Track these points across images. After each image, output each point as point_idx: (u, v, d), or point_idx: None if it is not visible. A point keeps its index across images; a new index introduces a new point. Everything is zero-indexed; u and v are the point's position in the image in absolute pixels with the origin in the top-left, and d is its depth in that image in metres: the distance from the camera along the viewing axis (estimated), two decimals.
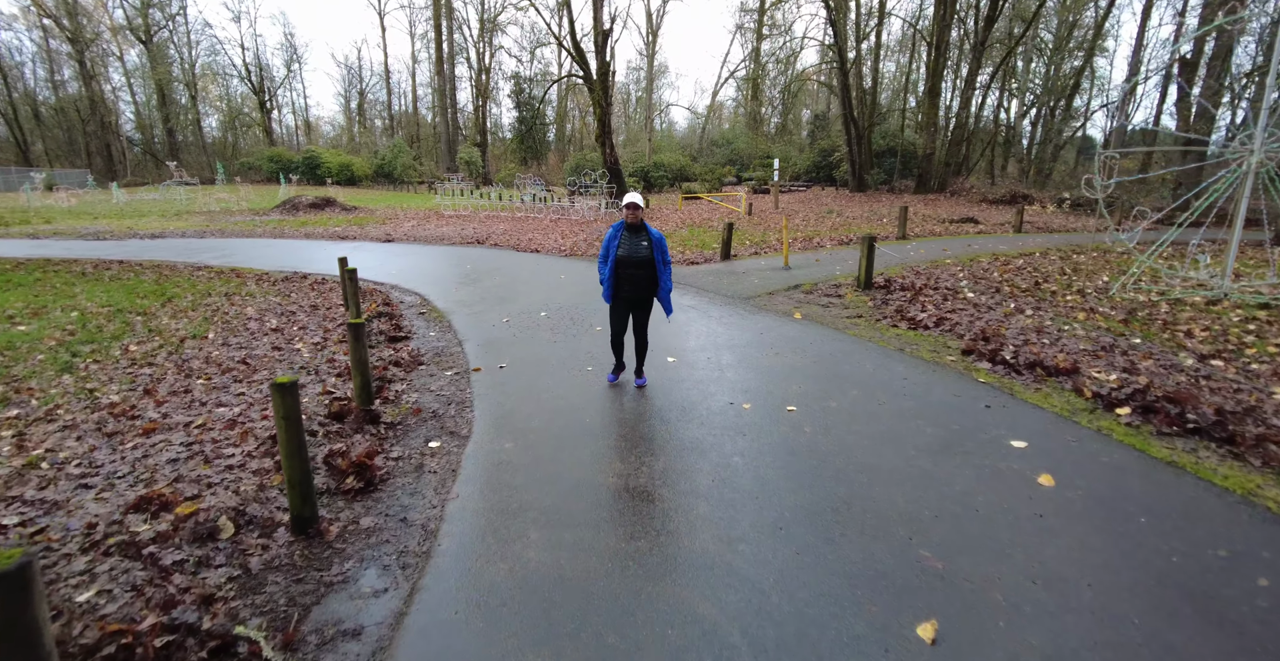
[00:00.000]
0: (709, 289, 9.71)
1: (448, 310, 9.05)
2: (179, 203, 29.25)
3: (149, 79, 52.30)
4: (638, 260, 5.18)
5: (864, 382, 5.41)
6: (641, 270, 5.22)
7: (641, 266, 5.21)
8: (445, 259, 14.15)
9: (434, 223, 22.61)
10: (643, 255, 5.19)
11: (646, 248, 5.20)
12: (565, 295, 9.65)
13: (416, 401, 5.48)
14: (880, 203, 28.31)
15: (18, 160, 50.72)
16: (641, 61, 57.18)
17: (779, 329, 7.30)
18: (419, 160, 52.01)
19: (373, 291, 10.62)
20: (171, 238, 19.00)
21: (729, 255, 12.74)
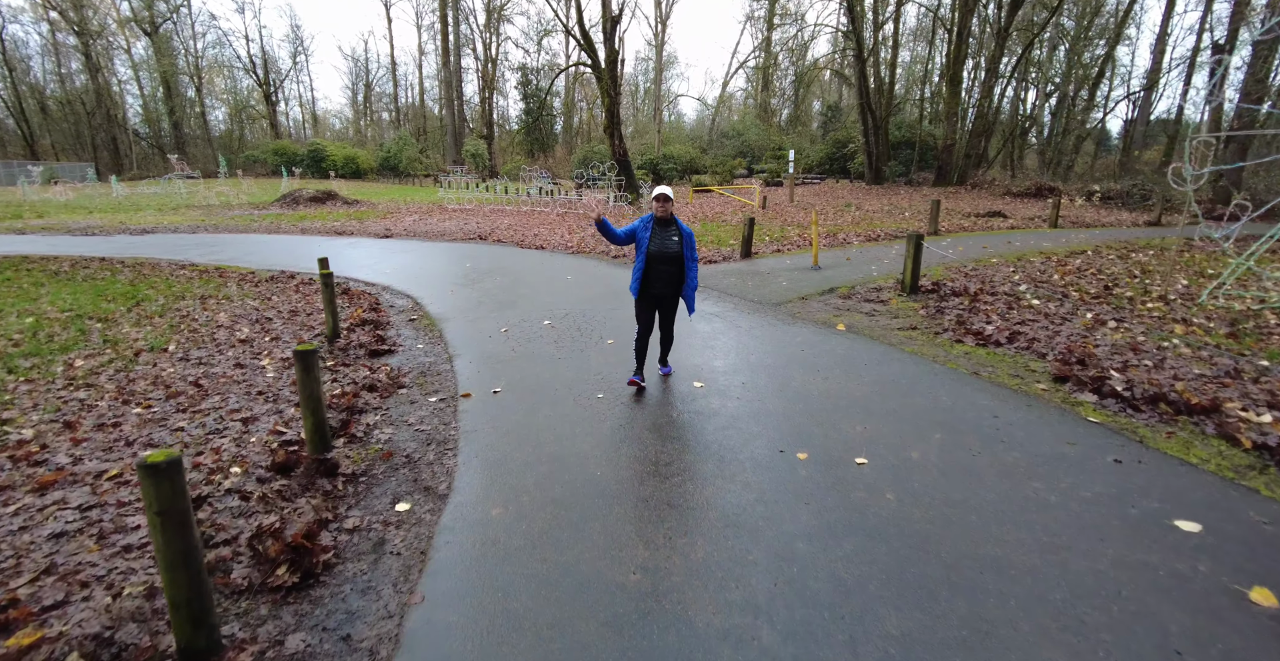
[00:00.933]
0: (733, 292, 8.59)
1: (441, 316, 7.97)
2: (178, 196, 28.29)
3: (154, 72, 51.33)
4: (669, 256, 4.89)
5: (945, 422, 4.30)
6: (672, 266, 4.93)
7: (672, 262, 4.92)
8: (444, 257, 13.07)
9: (436, 217, 21.53)
10: (674, 251, 4.89)
11: (677, 243, 4.92)
12: (571, 299, 8.55)
13: (389, 440, 4.41)
14: (899, 196, 27.01)
15: (25, 154, 49.99)
16: (650, 52, 55.80)
17: (822, 344, 6.18)
18: (424, 153, 50.89)
19: (361, 294, 9.55)
20: (162, 233, 18.01)
21: (750, 253, 11.60)
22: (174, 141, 53.47)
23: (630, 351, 5.72)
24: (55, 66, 53.38)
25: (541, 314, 7.82)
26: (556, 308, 8.12)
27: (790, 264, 10.71)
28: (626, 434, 4.32)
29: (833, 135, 39.91)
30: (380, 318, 8.06)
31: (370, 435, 4.52)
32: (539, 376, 5.58)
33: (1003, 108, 32.54)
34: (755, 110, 51.60)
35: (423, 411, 4.96)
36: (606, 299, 8.54)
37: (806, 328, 6.76)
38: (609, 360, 5.91)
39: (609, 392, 5.10)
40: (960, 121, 28.82)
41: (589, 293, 8.94)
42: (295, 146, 47.78)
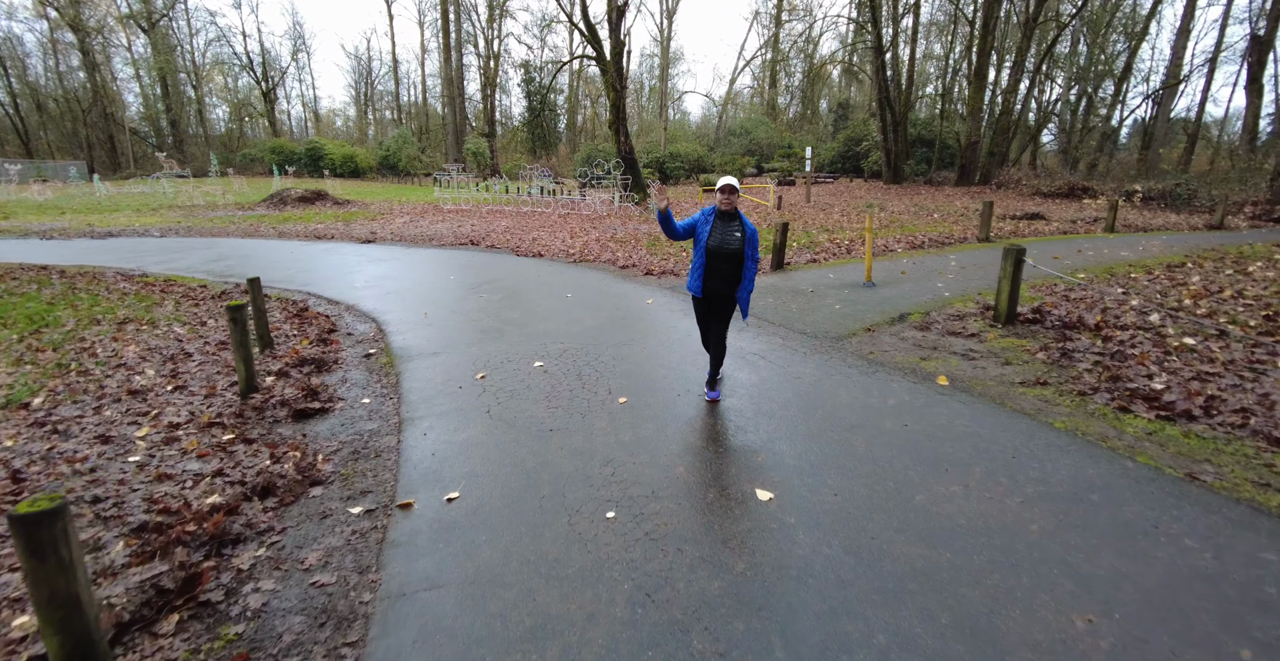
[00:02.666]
0: (776, 320, 6.70)
1: (405, 352, 6.11)
2: (162, 196, 26.46)
3: (151, 69, 49.49)
4: (729, 252, 4.30)
5: (1213, 598, 2.43)
6: (730, 264, 4.35)
7: (731, 260, 4.33)
8: (427, 267, 11.20)
9: (429, 219, 19.65)
10: (734, 247, 4.30)
11: (739, 239, 4.30)
12: (572, 328, 6.67)
13: (260, 613, 2.55)
14: (921, 195, 25.04)
15: (21, 152, 48.23)
16: (655, 48, 53.74)
17: (926, 410, 4.29)
18: (425, 152, 49.00)
19: (316, 318, 7.69)
20: (128, 237, 16.17)
21: (783, 263, 9.70)
22: (172, 140, 51.64)
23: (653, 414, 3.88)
24: (54, 64, 51.61)
25: (532, 350, 5.95)
26: (551, 340, 6.25)
27: (834, 278, 8.81)
28: (657, 620, 2.44)
29: (845, 133, 37.91)
30: (327, 354, 6.19)
31: (234, 600, 2.66)
32: (520, 465, 3.71)
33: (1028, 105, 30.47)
34: (763, 108, 49.56)
35: (333, 539, 3.10)
36: (615, 328, 6.66)
37: (893, 379, 4.86)
38: (623, 436, 4.04)
39: (625, 507, 3.23)
40: (984, 118, 26.79)
41: (593, 318, 7.06)
42: (293, 145, 45.92)
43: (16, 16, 55.79)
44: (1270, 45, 28.53)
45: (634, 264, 10.78)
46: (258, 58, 54.80)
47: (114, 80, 52.03)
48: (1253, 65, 28.18)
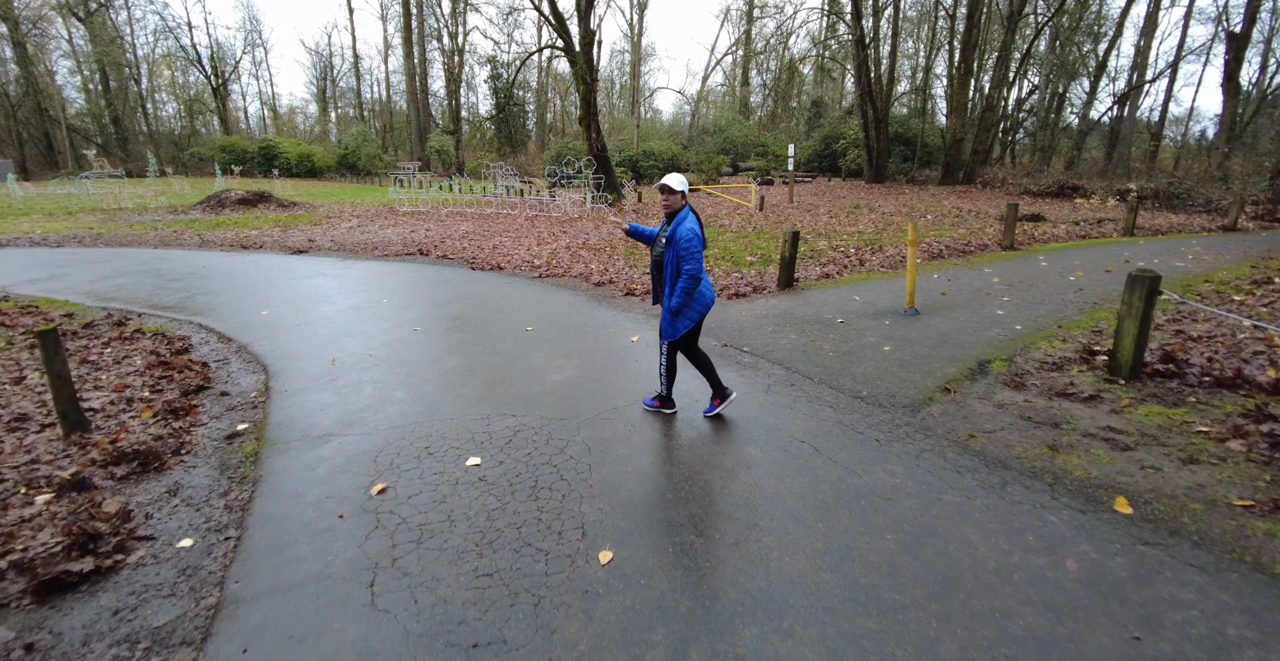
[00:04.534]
0: (812, 371, 4.83)
1: (283, 434, 4.10)
2: (86, 198, 23.57)
3: (89, 60, 45.63)
4: (656, 260, 3.78)
5: None
6: (662, 274, 3.73)
7: (662, 270, 3.70)
8: (358, 287, 9.09)
9: (379, 223, 17.39)
10: (658, 253, 3.73)
11: (664, 244, 3.66)
12: (532, 389, 4.70)
13: None
14: (906, 195, 23.57)
15: None
16: (626, 43, 51.65)
17: (1148, 590, 2.47)
18: (387, 150, 46.19)
19: (188, 368, 5.59)
20: (19, 247, 13.64)
21: (792, 280, 7.85)
22: (116, 137, 47.78)
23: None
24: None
25: (469, 428, 3.99)
26: (500, 409, 4.29)
27: (862, 301, 7.00)
28: None
29: (821, 131, 36.44)
30: (170, 437, 4.14)
31: None
32: None
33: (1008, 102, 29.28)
34: (736, 106, 47.91)
35: None
36: (591, 386, 4.72)
37: (1041, 504, 2.98)
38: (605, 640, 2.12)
39: None
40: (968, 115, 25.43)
41: (561, 369, 5.11)
42: (245, 143, 42.68)
43: None
44: (1246, 42, 27.81)
45: (610, 280, 8.85)
46: (206, 51, 51.11)
47: (50, 74, 47.96)
48: (1229, 63, 27.36)
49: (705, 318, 3.96)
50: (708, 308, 3.76)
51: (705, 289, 3.74)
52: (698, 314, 3.71)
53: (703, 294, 3.70)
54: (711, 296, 3.81)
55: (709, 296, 3.76)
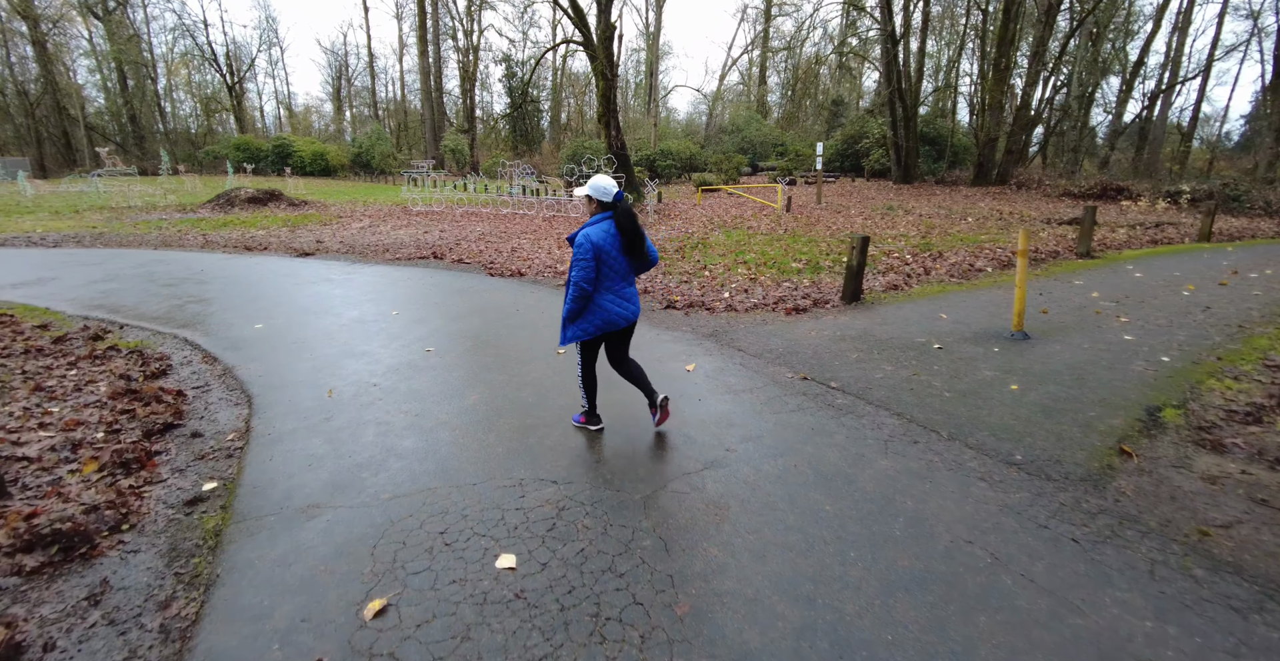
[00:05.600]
0: (929, 418, 3.76)
1: (255, 507, 3.11)
2: (95, 196, 22.84)
3: (107, 59, 45.17)
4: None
5: None
6: None
7: None
8: (366, 295, 8.13)
9: (392, 223, 16.46)
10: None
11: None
12: (576, 442, 3.68)
13: None
14: (938, 196, 22.37)
15: None
16: (641, 42, 50.52)
17: None
18: (400, 149, 45.42)
19: (160, 397, 4.64)
20: (15, 246, 12.81)
21: (859, 293, 6.78)
22: (133, 136, 47.31)
23: None
24: (4, 55, 46.85)
25: (494, 507, 2.96)
26: (533, 481, 3.26)
27: (951, 320, 5.92)
28: None
29: (843, 130, 35.21)
30: (115, 505, 3.15)
31: None
32: None
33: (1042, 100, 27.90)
34: (753, 105, 46.70)
35: None
36: (650, 440, 3.70)
37: None
38: None
39: None
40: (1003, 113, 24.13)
41: (603, 412, 4.07)
42: (259, 142, 41.98)
43: None
44: None
45: (645, 289, 7.82)
46: (222, 49, 50.57)
47: (69, 72, 47.57)
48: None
49: (626, 333, 3.56)
50: (611, 325, 3.36)
51: (611, 305, 3.35)
52: (594, 328, 3.36)
53: (604, 308, 3.34)
54: (622, 314, 3.39)
55: (614, 312, 3.36)
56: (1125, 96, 30.57)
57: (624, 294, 3.41)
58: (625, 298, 3.42)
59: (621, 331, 3.50)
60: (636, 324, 3.58)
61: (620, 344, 3.58)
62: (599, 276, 3.30)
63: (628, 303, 3.43)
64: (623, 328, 3.44)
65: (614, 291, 3.36)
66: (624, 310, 3.40)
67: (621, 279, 3.39)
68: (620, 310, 3.38)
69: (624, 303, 3.40)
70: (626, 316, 3.41)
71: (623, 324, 3.41)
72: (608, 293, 3.35)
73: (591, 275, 3.25)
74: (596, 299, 3.34)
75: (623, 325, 3.41)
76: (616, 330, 3.44)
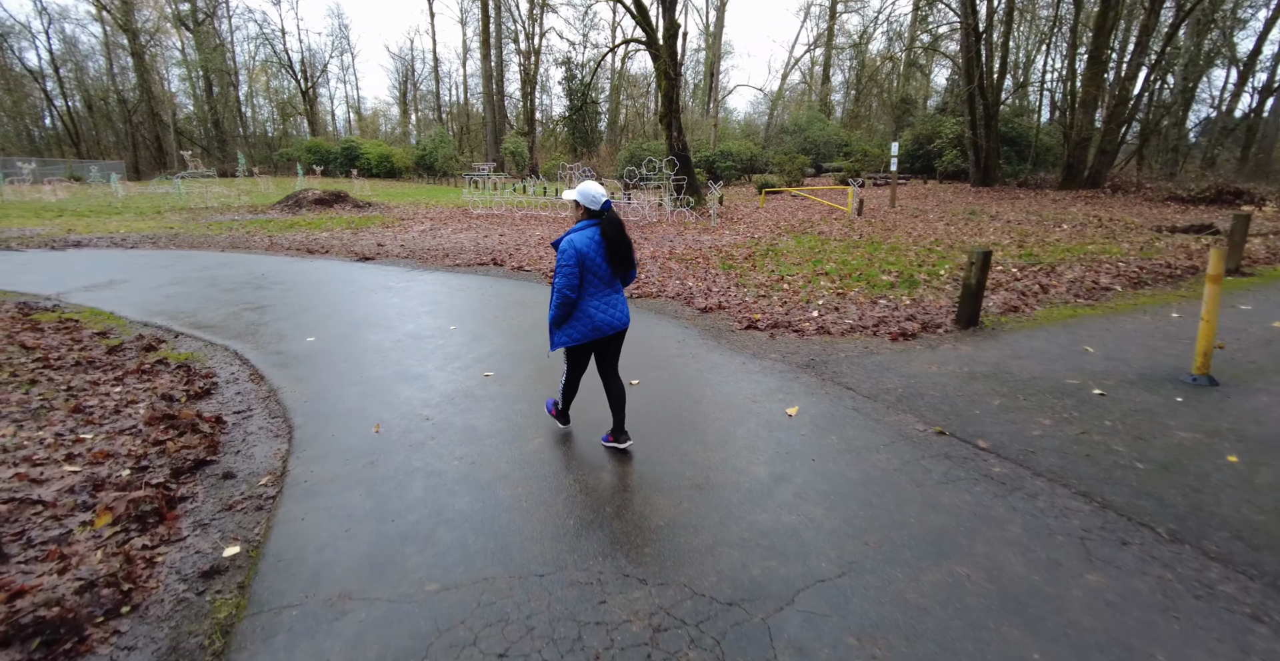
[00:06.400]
0: (1124, 505, 2.83)
1: (274, 594, 2.48)
2: (177, 197, 23.69)
3: (195, 68, 47.55)
4: None
5: None
6: None
7: None
8: (424, 305, 7.64)
9: (453, 226, 16.20)
10: None
11: None
12: (665, 515, 2.94)
13: None
14: (1023, 200, 20.62)
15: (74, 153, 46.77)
16: (700, 42, 49.54)
17: None
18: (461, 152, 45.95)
19: (197, 425, 4.17)
20: (98, 247, 13.11)
21: (978, 317, 5.79)
22: (216, 139, 49.71)
23: None
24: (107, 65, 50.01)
25: (568, 618, 2.24)
26: (617, 577, 2.54)
27: (1100, 354, 4.89)
28: None
29: (911, 130, 33.34)
30: (116, 575, 2.61)
31: None
32: None
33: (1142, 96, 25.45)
34: (816, 104, 45.03)
35: None
36: (760, 519, 2.93)
37: None
38: None
39: None
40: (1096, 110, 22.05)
41: (693, 465, 3.34)
42: (330, 144, 43.29)
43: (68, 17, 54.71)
44: None
45: (719, 304, 7.02)
46: (297, 56, 52.51)
47: (162, 81, 50.35)
48: None
49: (615, 340, 3.50)
50: (599, 333, 3.34)
51: (596, 311, 3.33)
52: (580, 335, 3.34)
53: (589, 315, 3.31)
54: (608, 321, 3.35)
55: (599, 319, 3.33)
56: (1240, 89, 27.64)
57: (609, 301, 3.38)
58: (611, 304, 3.38)
59: (609, 339, 3.45)
60: (625, 333, 3.52)
61: (610, 352, 3.53)
62: (583, 283, 3.27)
63: (613, 309, 3.39)
64: (609, 335, 3.39)
65: (599, 298, 3.34)
66: (610, 317, 3.36)
67: (606, 286, 3.36)
68: (606, 317, 3.35)
69: (610, 309, 3.37)
70: (613, 323, 3.37)
71: (609, 331, 3.37)
72: (592, 299, 3.32)
73: (574, 282, 3.23)
74: (582, 306, 3.32)
75: (609, 332, 3.37)
76: (604, 337, 3.39)
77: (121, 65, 49.36)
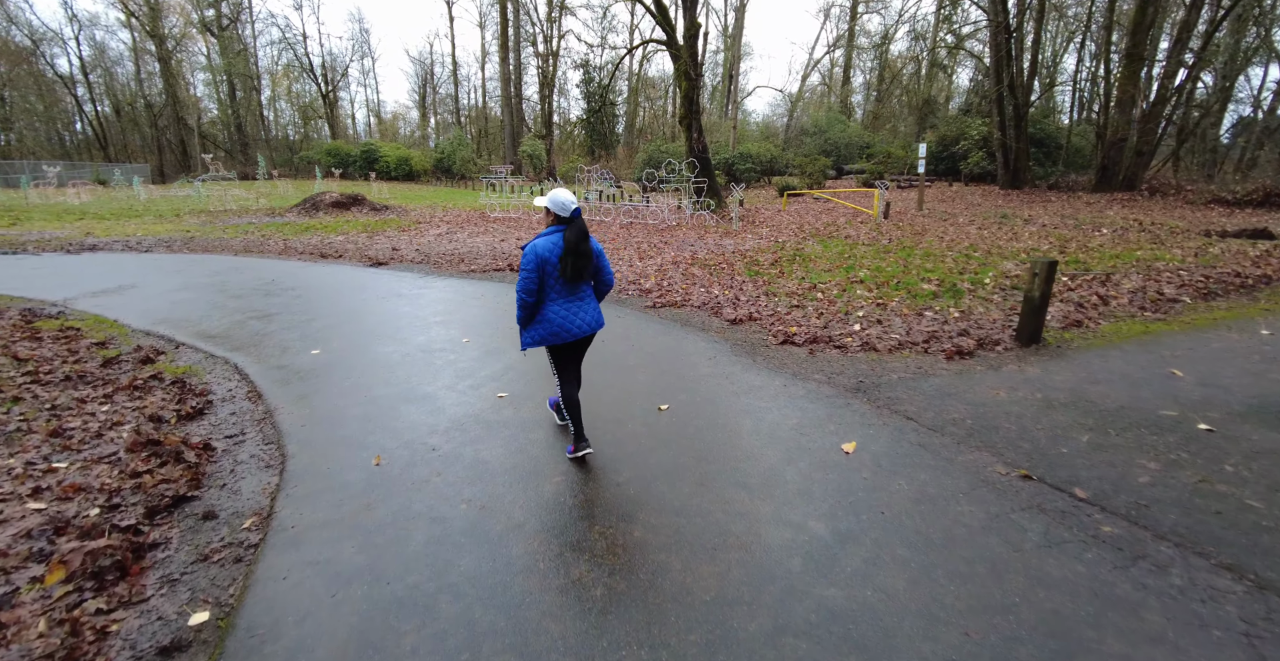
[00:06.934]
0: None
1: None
2: (197, 200, 23.66)
3: (218, 73, 47.99)
4: None
5: None
6: None
7: None
8: (436, 313, 7.21)
9: (469, 230, 15.85)
10: None
11: None
12: (710, 591, 2.44)
13: None
14: (1055, 203, 19.82)
15: (101, 156, 47.44)
16: (718, 44, 48.96)
17: None
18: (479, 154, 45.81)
19: (176, 458, 3.75)
20: (113, 250, 12.91)
21: (1040, 333, 5.20)
22: (238, 143, 50.13)
23: None
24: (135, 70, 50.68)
25: None
26: None
27: (1190, 378, 4.29)
28: None
29: (935, 131, 32.49)
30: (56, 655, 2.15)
31: None
32: None
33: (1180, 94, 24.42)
34: (836, 105, 44.24)
35: None
36: (831, 595, 2.41)
37: None
38: None
39: None
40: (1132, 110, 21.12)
41: (738, 519, 2.84)
42: (349, 147, 43.37)
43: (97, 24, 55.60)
44: None
45: (750, 315, 6.50)
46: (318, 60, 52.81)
47: (187, 86, 50.90)
48: None
49: (578, 346, 3.51)
50: (558, 337, 3.34)
51: (556, 316, 3.33)
52: (540, 337, 3.36)
53: (549, 320, 3.33)
54: (566, 326, 3.34)
55: (557, 323, 3.33)
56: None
57: (572, 306, 3.36)
58: (573, 310, 3.36)
59: (571, 344, 3.45)
60: (592, 338, 3.51)
61: (572, 357, 3.53)
62: (544, 287, 3.28)
63: (575, 315, 3.37)
64: (569, 340, 3.38)
65: (561, 303, 3.34)
66: (570, 322, 3.35)
67: (570, 290, 3.35)
68: (565, 322, 3.34)
69: (571, 315, 3.36)
70: (571, 329, 3.35)
71: (568, 336, 3.36)
72: (554, 304, 3.33)
73: (532, 286, 3.26)
74: (543, 309, 3.34)
75: (569, 338, 3.36)
76: (563, 342, 3.38)
77: (149, 71, 50.04)
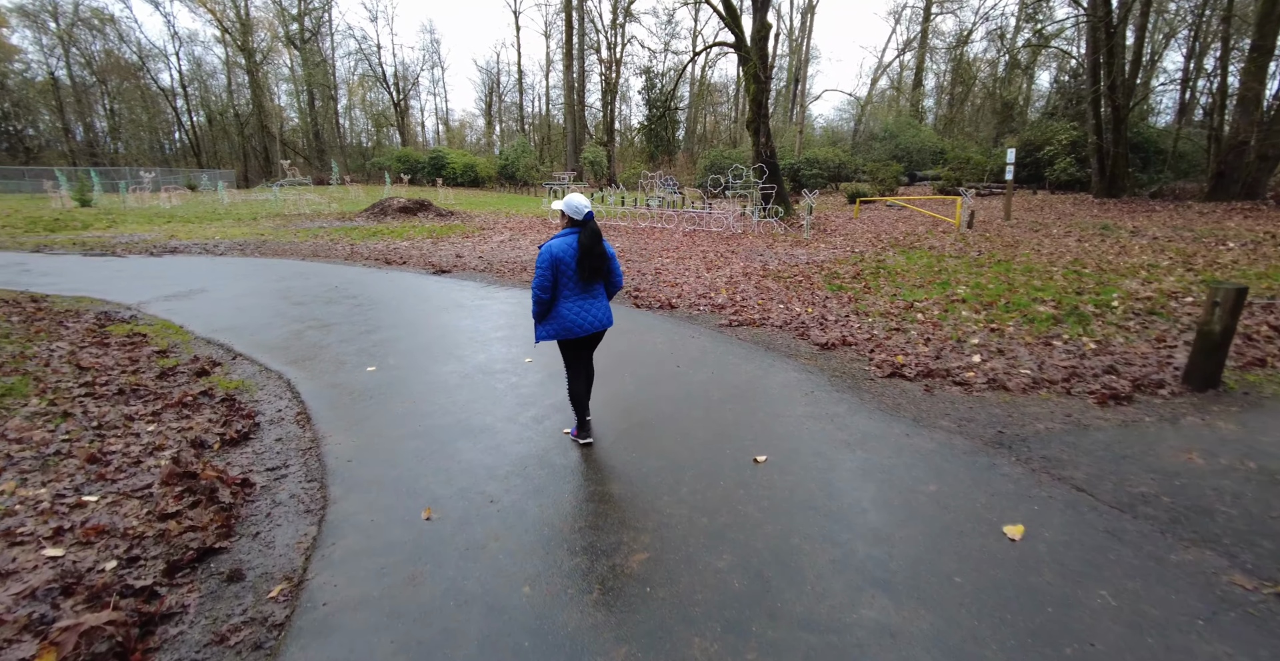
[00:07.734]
0: None
1: None
2: (274, 204, 24.50)
3: (300, 84, 50.32)
4: None
5: None
6: None
7: None
8: (497, 328, 6.74)
9: (531, 236, 15.56)
10: None
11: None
12: None
13: None
14: (1161, 213, 17.88)
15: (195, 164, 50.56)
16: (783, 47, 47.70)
17: None
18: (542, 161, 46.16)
19: (210, 498, 3.31)
20: (193, 253, 13.23)
21: (1219, 374, 4.21)
22: (315, 149, 52.40)
23: None
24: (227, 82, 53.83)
25: None
26: None
27: None
28: None
29: (1019, 136, 30.36)
30: None
31: None
32: None
33: None
34: (908, 109, 42.26)
35: None
36: None
37: None
38: None
39: None
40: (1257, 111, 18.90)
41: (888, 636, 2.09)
42: (418, 154, 44.51)
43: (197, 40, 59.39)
44: None
45: (844, 339, 5.71)
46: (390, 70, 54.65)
47: (271, 96, 53.63)
48: None
49: (587, 342, 3.61)
50: (568, 332, 3.46)
51: (569, 313, 3.45)
52: (552, 333, 3.51)
53: (562, 316, 3.46)
54: (579, 323, 3.46)
55: (569, 320, 3.45)
56: None
57: (584, 304, 3.48)
58: (585, 308, 3.48)
59: (581, 340, 3.56)
60: (604, 334, 3.64)
61: (582, 352, 3.63)
62: (558, 285, 3.40)
63: (587, 313, 3.48)
64: (580, 336, 3.49)
65: (574, 301, 3.45)
66: (582, 319, 3.46)
67: (583, 289, 3.46)
68: (577, 319, 3.45)
69: (584, 312, 3.47)
70: (584, 326, 3.47)
71: (580, 332, 3.47)
72: (567, 301, 3.44)
73: (546, 284, 3.38)
74: (557, 306, 3.46)
75: (580, 334, 3.47)
76: (574, 338, 3.50)
77: (238, 83, 53.00)
